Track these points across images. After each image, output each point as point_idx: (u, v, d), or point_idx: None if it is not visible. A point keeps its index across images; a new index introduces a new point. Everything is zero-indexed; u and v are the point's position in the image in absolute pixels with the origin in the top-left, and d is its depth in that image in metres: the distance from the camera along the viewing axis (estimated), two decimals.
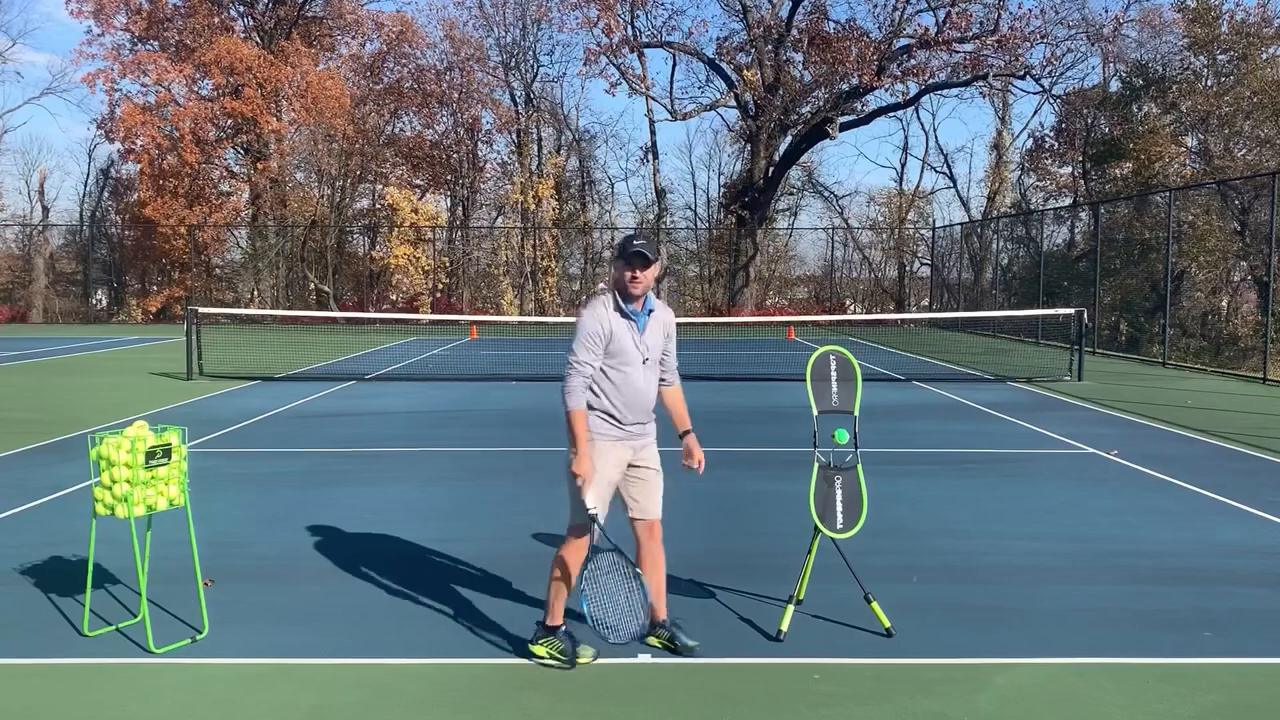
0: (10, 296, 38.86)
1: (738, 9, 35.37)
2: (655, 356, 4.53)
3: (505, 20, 39.25)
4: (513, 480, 8.52)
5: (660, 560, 4.64)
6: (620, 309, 4.42)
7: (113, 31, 36.62)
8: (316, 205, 38.30)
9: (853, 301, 42.92)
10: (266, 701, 4.09)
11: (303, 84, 36.07)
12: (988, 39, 32.20)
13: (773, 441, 10.49)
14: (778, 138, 36.29)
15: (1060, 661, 4.51)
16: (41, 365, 19.02)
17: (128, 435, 4.54)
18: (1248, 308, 27.80)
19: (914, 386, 15.75)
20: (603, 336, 4.37)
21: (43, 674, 4.38)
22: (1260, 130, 27.46)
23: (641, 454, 4.55)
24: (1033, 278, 29.27)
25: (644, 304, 4.48)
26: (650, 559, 4.60)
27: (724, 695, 4.17)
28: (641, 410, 4.50)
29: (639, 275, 4.35)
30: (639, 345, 4.44)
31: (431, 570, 5.84)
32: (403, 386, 15.59)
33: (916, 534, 6.71)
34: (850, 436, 4.81)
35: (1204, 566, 6.01)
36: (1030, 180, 39.74)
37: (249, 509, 7.43)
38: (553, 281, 38.96)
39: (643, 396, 4.48)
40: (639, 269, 4.35)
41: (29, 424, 11.34)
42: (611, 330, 4.38)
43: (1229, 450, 10.06)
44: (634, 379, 4.44)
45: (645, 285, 4.40)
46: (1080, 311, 17.21)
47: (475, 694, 4.19)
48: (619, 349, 4.40)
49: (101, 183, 41.17)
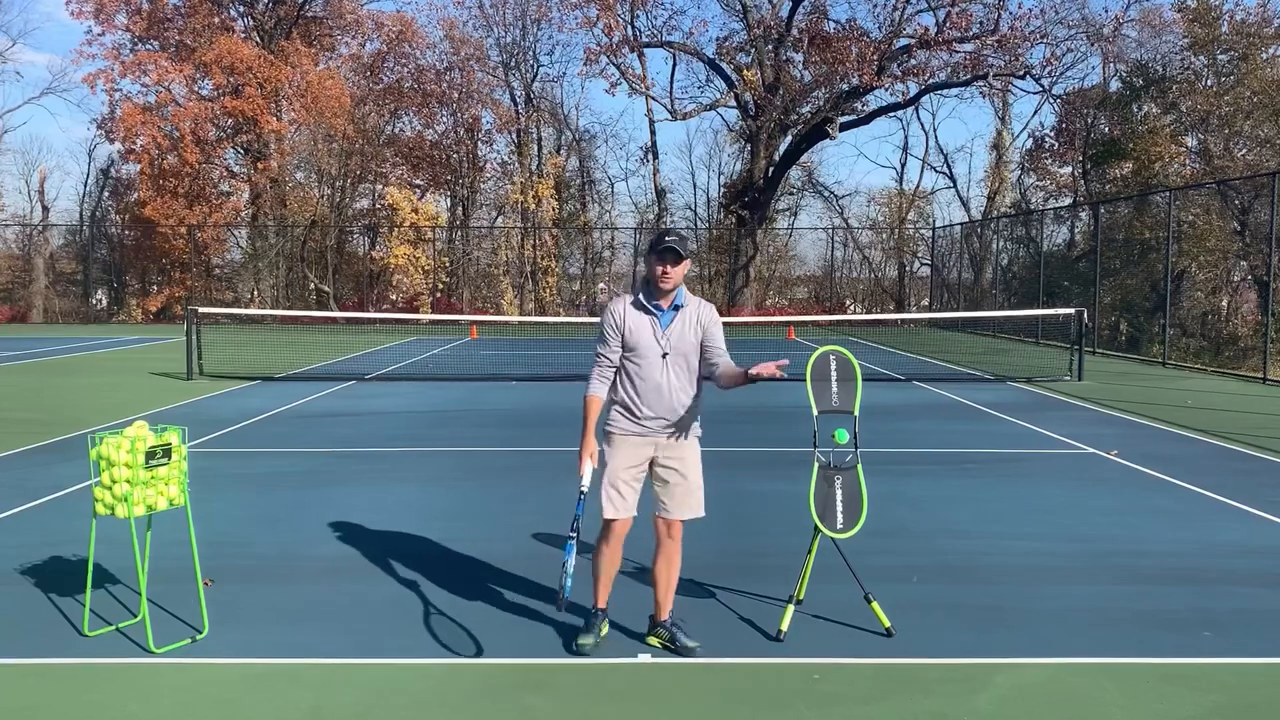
0: (10, 296, 38.86)
1: (738, 9, 35.38)
2: (682, 351, 4.51)
3: (505, 20, 39.31)
4: (513, 480, 8.52)
5: (675, 560, 4.65)
6: (641, 304, 4.50)
7: (113, 31, 36.66)
8: (316, 205, 38.30)
9: (853, 301, 42.92)
10: (266, 701, 4.09)
11: (303, 84, 36.07)
12: (988, 39, 32.19)
13: (773, 441, 10.48)
14: (778, 138, 36.28)
15: (1060, 661, 4.51)
16: (41, 365, 19.02)
17: (128, 435, 4.54)
18: (1248, 308, 27.79)
19: (914, 386, 15.75)
20: (616, 329, 4.51)
21: (43, 674, 4.38)
22: (1260, 130, 27.46)
23: (666, 453, 4.56)
24: (1033, 278, 29.27)
25: (672, 300, 4.51)
26: (664, 557, 4.64)
27: (724, 695, 4.17)
28: (661, 406, 4.50)
29: (669, 271, 4.43)
30: (659, 340, 4.48)
31: (432, 570, 5.84)
32: (403, 386, 15.59)
33: (916, 534, 6.71)
34: (850, 436, 4.81)
35: (1204, 566, 6.00)
36: (1030, 180, 39.78)
37: (249, 509, 7.43)
38: (553, 281, 38.97)
39: (661, 392, 4.49)
40: (670, 265, 4.43)
41: (29, 424, 11.34)
42: (627, 324, 4.49)
43: (1229, 450, 10.06)
44: (651, 373, 4.48)
45: (675, 281, 4.47)
46: (1080, 311, 17.21)
47: (475, 694, 4.18)
48: (636, 343, 4.49)
49: (101, 183, 41.19)
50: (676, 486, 4.58)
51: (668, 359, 4.50)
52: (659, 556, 4.64)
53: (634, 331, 4.49)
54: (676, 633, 4.61)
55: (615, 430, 4.58)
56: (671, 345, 4.50)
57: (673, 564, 4.65)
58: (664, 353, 4.49)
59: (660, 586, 4.65)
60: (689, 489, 4.60)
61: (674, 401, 4.52)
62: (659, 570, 4.64)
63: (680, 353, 4.52)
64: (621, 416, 4.56)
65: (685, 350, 4.53)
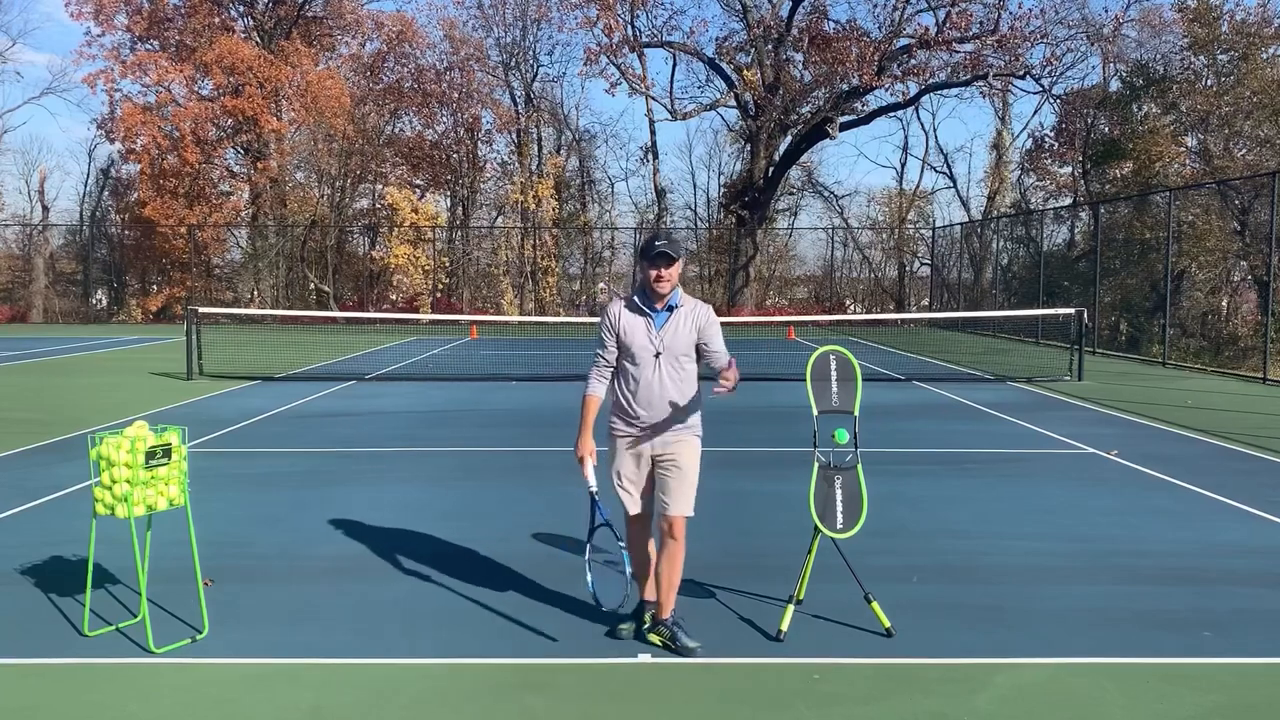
0: (10, 296, 38.86)
1: (738, 9, 35.39)
2: (676, 352, 4.55)
3: (505, 20, 39.31)
4: (513, 480, 8.52)
5: (676, 558, 4.64)
6: (635, 305, 4.58)
7: (113, 32, 36.66)
8: (316, 205, 38.30)
9: (853, 301, 42.92)
10: (266, 701, 4.09)
11: (303, 84, 36.07)
12: (988, 39, 32.20)
13: (773, 441, 10.48)
14: (778, 138, 36.29)
15: (1060, 661, 4.51)
16: (41, 365, 19.02)
17: (128, 435, 4.54)
18: (1248, 308, 27.80)
19: (914, 386, 15.75)
20: (610, 330, 4.60)
21: (43, 674, 4.38)
22: (1260, 130, 27.46)
23: (665, 452, 4.59)
24: (1033, 278, 29.27)
25: (667, 301, 4.55)
26: (665, 554, 4.64)
27: (724, 695, 4.17)
28: (656, 406, 4.54)
29: (663, 274, 4.48)
30: (653, 340, 4.53)
31: (432, 570, 5.84)
32: (403, 386, 15.59)
33: (916, 534, 6.71)
34: (850, 436, 4.81)
35: (1204, 566, 6.00)
36: (1030, 180, 39.78)
37: (249, 509, 7.43)
38: (553, 281, 38.96)
39: (655, 392, 4.53)
40: (663, 268, 4.47)
41: (29, 424, 11.34)
42: (622, 324, 4.56)
43: (1229, 450, 10.06)
44: (645, 373, 4.53)
45: (672, 283, 4.52)
46: (1080, 311, 17.21)
47: (475, 694, 4.19)
48: (630, 343, 4.55)
49: (101, 183, 41.19)
50: (674, 484, 4.58)
51: (661, 359, 4.53)
52: (661, 555, 4.66)
53: (628, 332, 4.55)
54: (677, 632, 4.61)
55: (615, 432, 4.65)
56: (665, 345, 4.53)
57: (675, 563, 4.65)
58: (657, 352, 4.53)
59: (662, 585, 4.65)
60: (685, 487, 4.60)
61: (669, 401, 4.54)
62: (661, 569, 4.65)
63: (674, 353, 4.55)
64: (619, 418, 4.62)
65: (679, 351, 4.56)
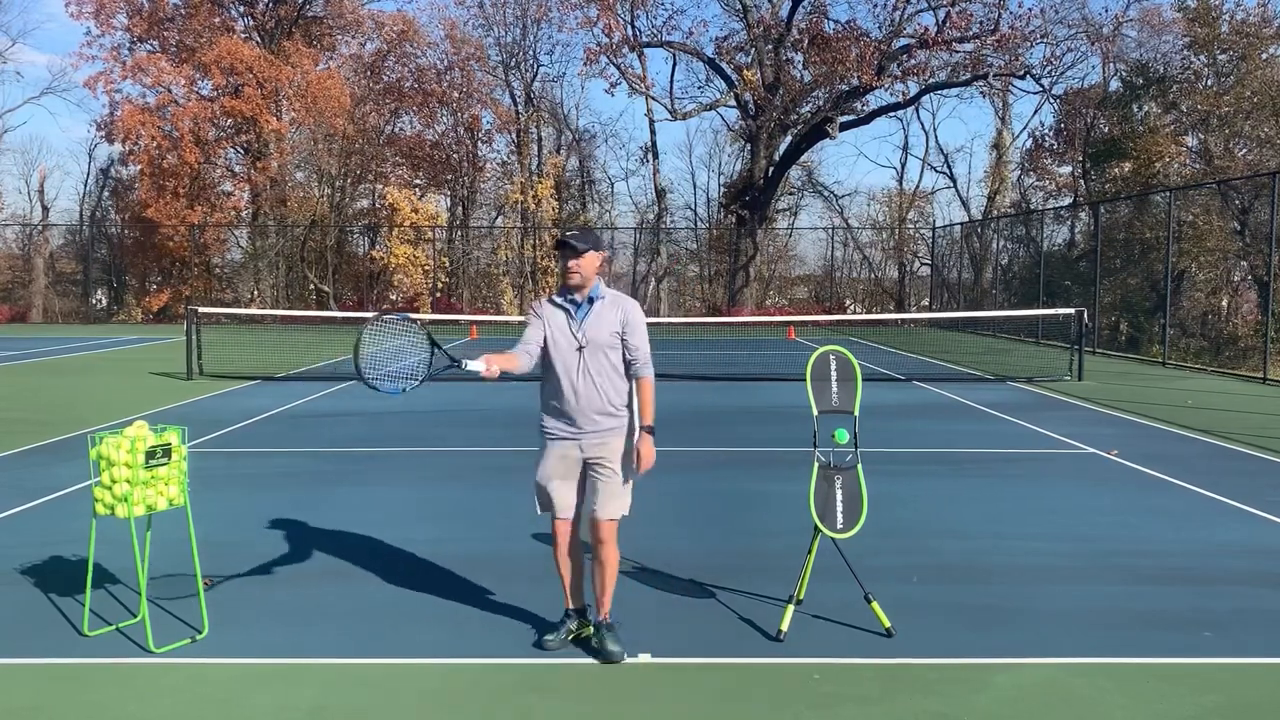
0: (10, 296, 38.84)
1: (738, 9, 35.37)
2: (600, 344, 4.49)
3: (505, 20, 39.28)
4: (513, 480, 8.49)
5: (609, 561, 4.53)
6: (555, 300, 4.59)
7: (113, 32, 36.65)
8: (316, 205, 38.27)
9: (853, 301, 42.90)
10: (266, 701, 4.09)
11: (303, 84, 36.06)
12: (988, 39, 32.20)
13: (773, 441, 10.48)
14: (778, 137, 36.28)
15: (1060, 661, 4.51)
16: (41, 365, 19.01)
17: (128, 435, 4.54)
18: (1248, 308, 27.79)
19: (914, 386, 15.75)
20: (533, 318, 4.61)
21: (43, 674, 4.38)
22: (1260, 130, 27.46)
23: (594, 451, 4.51)
24: (1033, 278, 29.26)
25: (586, 294, 4.53)
26: (596, 559, 4.55)
27: (724, 695, 4.17)
28: (581, 401, 4.47)
29: (570, 265, 4.49)
30: (575, 334, 4.51)
31: (431, 570, 5.84)
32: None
33: (916, 534, 6.71)
34: (850, 436, 4.81)
35: (1204, 566, 6.01)
36: (1030, 180, 39.78)
37: (249, 509, 7.42)
38: (552, 281, 38.96)
39: (576, 386, 4.47)
40: (569, 259, 4.49)
41: (29, 424, 11.34)
42: (544, 318, 4.58)
43: (1229, 450, 10.05)
44: (568, 366, 4.50)
45: (584, 274, 4.50)
46: (1080, 311, 17.20)
47: (475, 694, 4.19)
48: (552, 337, 4.55)
49: (101, 182, 41.22)
50: (603, 487, 4.50)
51: (584, 352, 4.49)
52: (595, 560, 4.56)
53: (552, 326, 4.55)
54: (605, 634, 4.53)
55: (546, 433, 4.58)
56: (587, 338, 4.50)
57: (606, 566, 4.53)
58: (580, 346, 4.49)
59: (595, 587, 4.58)
60: (613, 488, 4.50)
61: (595, 395, 4.48)
62: (594, 571, 4.58)
63: (598, 345, 4.50)
64: (548, 415, 4.57)
65: (603, 343, 4.51)
